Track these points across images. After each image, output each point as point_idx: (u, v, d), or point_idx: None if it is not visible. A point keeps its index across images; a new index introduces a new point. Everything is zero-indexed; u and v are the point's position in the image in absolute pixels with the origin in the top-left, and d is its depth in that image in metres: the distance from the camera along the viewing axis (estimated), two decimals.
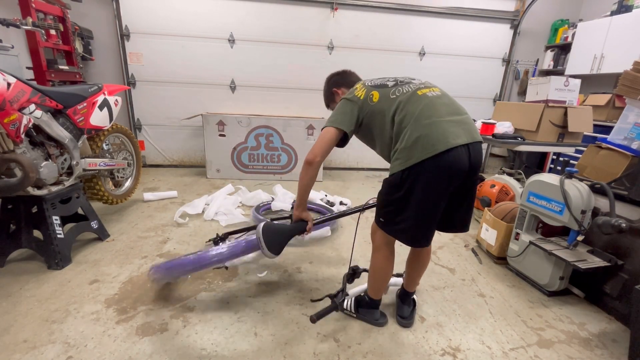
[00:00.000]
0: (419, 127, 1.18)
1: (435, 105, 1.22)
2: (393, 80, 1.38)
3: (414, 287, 1.63)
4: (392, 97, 1.29)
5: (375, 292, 1.55)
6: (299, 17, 4.02)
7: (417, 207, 1.23)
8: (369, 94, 1.34)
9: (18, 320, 1.48)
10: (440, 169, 1.17)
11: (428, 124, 1.18)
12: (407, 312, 1.61)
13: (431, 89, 1.29)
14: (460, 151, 1.16)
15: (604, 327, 1.65)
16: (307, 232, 1.55)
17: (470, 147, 1.19)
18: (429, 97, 1.25)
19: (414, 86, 1.30)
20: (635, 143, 1.91)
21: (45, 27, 2.33)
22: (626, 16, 3.59)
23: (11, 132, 1.60)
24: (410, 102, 1.24)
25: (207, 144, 3.79)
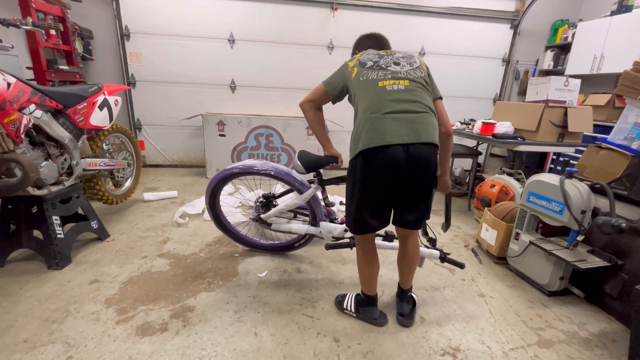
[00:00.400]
0: (365, 120, 1.26)
1: (387, 100, 1.26)
2: (375, 61, 1.38)
3: (407, 284, 1.63)
4: (360, 80, 1.34)
5: (365, 286, 1.57)
6: (299, 17, 4.02)
7: (357, 196, 1.33)
8: (352, 68, 1.39)
9: (18, 320, 1.48)
10: (374, 162, 1.24)
11: (374, 117, 1.24)
12: (407, 309, 1.61)
13: (397, 82, 1.30)
14: (395, 149, 1.21)
15: (604, 327, 1.65)
16: (339, 164, 1.67)
17: (410, 147, 1.22)
18: (386, 90, 1.28)
19: (381, 74, 1.32)
20: (635, 143, 1.91)
21: (45, 27, 2.33)
22: (626, 16, 3.59)
23: (11, 132, 1.60)
24: (367, 91, 1.31)
25: (207, 144, 3.79)
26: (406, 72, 1.34)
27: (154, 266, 1.97)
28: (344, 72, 1.44)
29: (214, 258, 2.10)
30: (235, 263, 2.06)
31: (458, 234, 2.69)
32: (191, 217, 2.71)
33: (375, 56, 1.41)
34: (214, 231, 2.47)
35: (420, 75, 1.35)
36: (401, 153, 1.21)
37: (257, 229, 2.45)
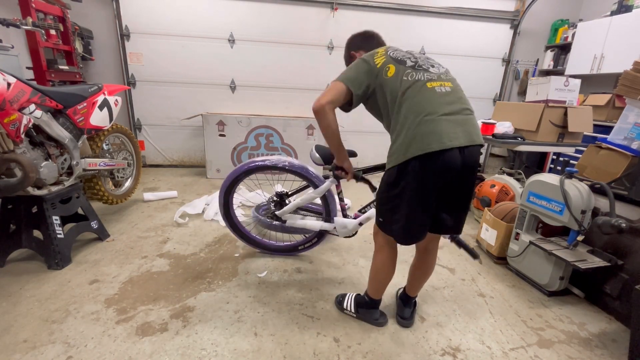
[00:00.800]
0: (418, 123, 1.15)
1: (439, 102, 1.18)
2: (414, 59, 1.28)
3: (417, 292, 1.61)
4: (404, 79, 1.22)
5: (375, 292, 1.55)
6: (299, 17, 4.02)
7: (408, 204, 1.22)
8: (386, 66, 1.26)
9: (18, 320, 1.48)
10: (432, 168, 1.15)
11: (427, 120, 1.14)
12: (408, 313, 1.61)
13: (442, 83, 1.23)
14: (453, 153, 1.14)
15: (604, 327, 1.65)
16: (347, 178, 1.62)
17: (465, 150, 1.16)
18: (436, 92, 1.20)
19: (427, 75, 1.23)
20: (635, 143, 1.91)
21: (45, 27, 2.33)
22: (626, 16, 3.59)
23: (11, 132, 1.60)
24: (415, 93, 1.20)
25: (207, 144, 3.79)
26: (446, 74, 1.29)
27: (154, 266, 1.97)
28: (371, 68, 1.28)
29: (214, 258, 2.10)
30: (235, 263, 2.06)
31: None
32: (191, 217, 2.71)
33: (404, 54, 1.30)
34: (214, 231, 2.47)
35: (453, 77, 1.32)
36: (458, 156, 1.15)
37: (258, 229, 2.45)
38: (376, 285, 1.53)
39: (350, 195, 3.49)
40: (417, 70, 1.24)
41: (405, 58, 1.28)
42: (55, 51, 2.84)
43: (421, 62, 1.28)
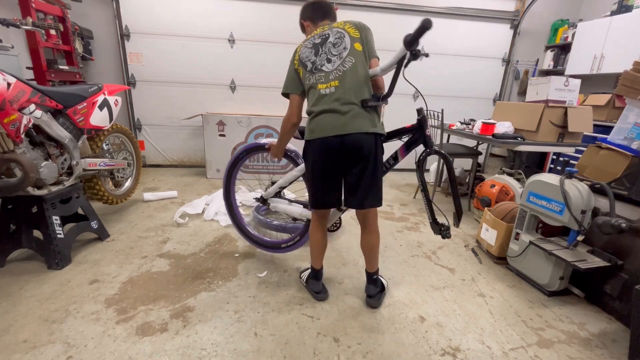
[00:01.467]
0: (313, 117, 1.49)
1: (325, 100, 1.46)
2: (313, 60, 1.50)
3: (373, 267, 1.72)
4: (306, 83, 1.52)
5: (312, 259, 1.75)
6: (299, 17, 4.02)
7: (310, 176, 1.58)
8: (298, 68, 1.55)
9: (18, 320, 1.48)
10: (316, 148, 1.49)
11: (317, 113, 1.47)
12: (373, 291, 1.72)
13: (329, 85, 1.46)
14: (330, 140, 1.44)
15: (604, 327, 1.65)
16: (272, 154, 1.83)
17: (343, 138, 1.43)
18: (322, 93, 1.47)
19: (317, 78, 1.48)
20: (635, 143, 1.91)
21: (45, 27, 2.33)
22: (626, 16, 3.59)
23: (11, 132, 1.60)
24: (310, 92, 1.52)
25: (207, 144, 3.79)
26: (336, 70, 1.47)
27: (154, 266, 1.98)
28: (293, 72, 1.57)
29: (214, 258, 2.10)
30: (235, 263, 2.06)
31: (458, 234, 2.68)
32: (191, 217, 2.71)
33: (310, 51, 1.52)
34: (214, 231, 2.47)
35: (349, 66, 1.46)
36: (335, 141, 1.43)
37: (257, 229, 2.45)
38: (311, 252, 1.74)
39: None
40: (315, 72, 1.49)
41: (307, 61, 1.52)
42: (55, 51, 2.84)
43: (319, 61, 1.49)
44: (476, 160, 3.17)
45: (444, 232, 1.57)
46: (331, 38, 1.50)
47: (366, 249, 1.68)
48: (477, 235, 2.45)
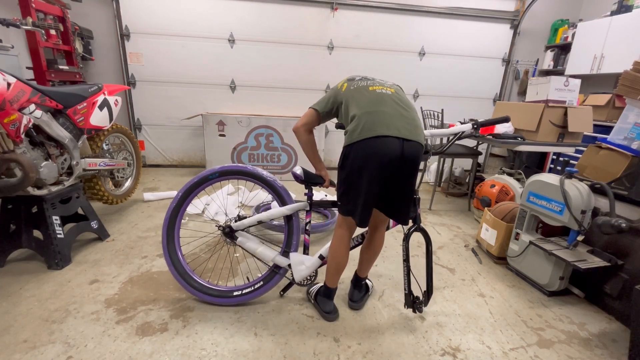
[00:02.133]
0: (363, 114, 1.31)
1: (383, 99, 1.35)
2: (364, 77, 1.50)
3: (366, 273, 1.70)
4: (351, 89, 1.44)
5: (329, 278, 1.58)
6: (299, 17, 4.03)
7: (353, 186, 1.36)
8: (342, 85, 1.50)
9: (18, 320, 1.48)
10: (371, 151, 1.27)
11: (372, 112, 1.31)
12: (358, 296, 1.70)
13: (384, 88, 1.41)
14: (392, 141, 1.26)
15: (604, 327, 1.65)
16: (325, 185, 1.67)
17: (404, 142, 1.28)
18: (378, 92, 1.38)
19: (369, 82, 1.44)
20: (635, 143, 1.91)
21: (45, 27, 2.33)
22: (626, 16, 3.59)
23: (11, 132, 1.60)
24: (358, 94, 1.40)
25: (207, 144, 3.79)
26: (391, 84, 1.48)
27: (154, 266, 1.97)
28: (334, 90, 1.53)
29: (214, 258, 2.10)
30: (235, 263, 2.05)
31: (458, 234, 2.69)
32: (191, 217, 2.71)
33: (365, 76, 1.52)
34: (214, 231, 2.47)
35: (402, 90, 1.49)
36: (397, 145, 1.27)
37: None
38: (331, 271, 1.55)
39: None
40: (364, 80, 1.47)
41: (356, 76, 1.51)
42: (55, 51, 2.84)
43: (371, 77, 1.50)
44: (476, 160, 3.17)
45: (417, 305, 1.54)
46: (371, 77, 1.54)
47: (372, 254, 1.62)
48: (477, 235, 2.45)
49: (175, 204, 1.70)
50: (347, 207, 1.42)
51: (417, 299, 1.56)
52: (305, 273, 1.62)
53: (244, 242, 1.67)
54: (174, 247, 1.68)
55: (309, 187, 1.65)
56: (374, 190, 1.34)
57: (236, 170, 1.68)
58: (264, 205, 2.80)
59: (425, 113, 3.36)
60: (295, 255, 1.63)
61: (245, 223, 1.66)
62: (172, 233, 1.68)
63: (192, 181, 1.71)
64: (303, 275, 1.61)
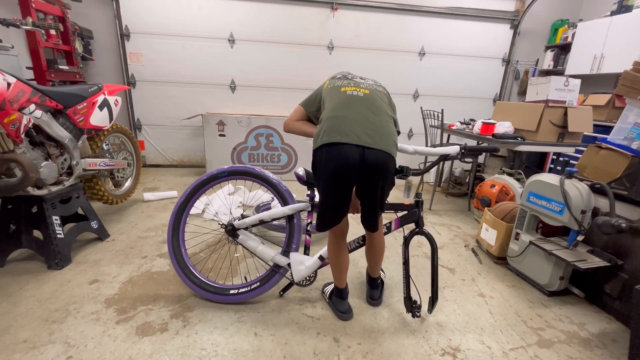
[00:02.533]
0: (327, 119, 1.30)
1: (351, 103, 1.32)
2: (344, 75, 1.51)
3: (377, 272, 1.72)
4: (328, 87, 1.45)
5: (335, 279, 1.61)
6: (299, 17, 4.03)
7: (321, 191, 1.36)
8: (325, 82, 1.52)
9: (18, 320, 1.48)
10: (330, 157, 1.25)
11: (335, 116, 1.29)
12: (377, 294, 1.74)
13: (358, 89, 1.38)
14: (350, 149, 1.22)
15: (604, 327, 1.65)
16: None
17: (365, 150, 1.23)
18: (348, 94, 1.36)
19: (344, 82, 1.43)
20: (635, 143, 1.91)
21: (45, 27, 2.33)
22: (626, 16, 3.59)
23: (11, 132, 1.60)
24: (330, 95, 1.40)
25: (207, 144, 3.79)
26: (369, 84, 1.45)
27: (154, 266, 1.98)
28: (319, 88, 1.55)
29: (214, 258, 2.10)
30: (235, 263, 2.05)
31: (458, 234, 2.69)
32: (191, 217, 2.71)
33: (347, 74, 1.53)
34: (214, 231, 2.47)
35: (382, 91, 1.45)
36: (356, 153, 1.22)
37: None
38: (334, 272, 1.59)
39: None
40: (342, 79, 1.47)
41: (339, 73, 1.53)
42: (55, 51, 2.84)
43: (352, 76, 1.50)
44: (476, 160, 3.17)
45: (415, 309, 1.56)
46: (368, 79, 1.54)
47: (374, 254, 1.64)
48: (477, 235, 2.45)
49: (183, 200, 1.76)
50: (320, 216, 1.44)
51: (415, 303, 1.57)
52: (305, 273, 1.62)
53: (245, 240, 1.70)
54: (178, 241, 1.74)
55: (311, 188, 1.66)
56: (333, 196, 1.33)
57: (244, 171, 1.76)
58: (264, 205, 2.80)
59: (425, 113, 3.36)
60: (295, 255, 1.64)
61: (247, 222, 1.69)
62: (177, 227, 1.75)
63: (201, 179, 1.76)
64: (302, 275, 1.62)
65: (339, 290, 1.62)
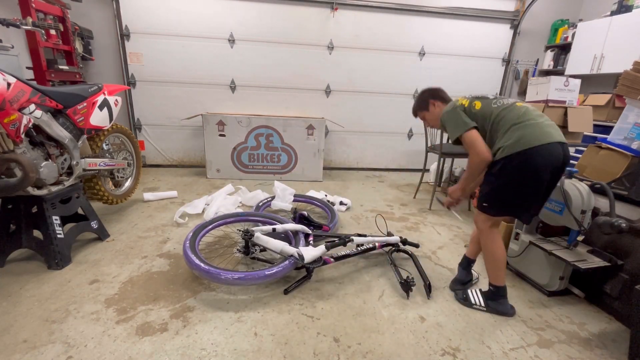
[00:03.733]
0: (521, 127, 1.44)
1: (532, 112, 1.50)
2: (492, 96, 1.63)
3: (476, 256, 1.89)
4: (494, 107, 1.56)
5: (500, 278, 1.65)
6: (299, 17, 4.03)
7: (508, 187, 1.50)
8: (472, 103, 1.61)
9: (18, 320, 1.48)
10: (539, 158, 1.41)
11: (530, 124, 1.45)
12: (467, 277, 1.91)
13: (523, 103, 1.57)
14: (555, 146, 1.42)
15: (604, 327, 1.65)
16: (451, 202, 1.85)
17: (563, 145, 1.45)
18: (526, 106, 1.53)
19: (512, 100, 1.58)
20: (635, 143, 1.91)
21: (45, 27, 2.33)
22: (626, 16, 3.59)
23: (11, 132, 1.60)
24: (509, 111, 1.52)
25: (207, 144, 3.79)
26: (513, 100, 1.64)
27: (154, 266, 1.98)
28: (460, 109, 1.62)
29: (214, 258, 2.10)
30: (235, 263, 2.05)
31: (458, 234, 2.68)
32: (191, 217, 2.71)
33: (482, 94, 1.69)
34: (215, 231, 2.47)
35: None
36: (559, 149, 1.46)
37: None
38: (497, 270, 1.64)
39: (350, 195, 3.50)
40: (501, 99, 1.60)
41: (485, 95, 1.65)
42: (55, 51, 2.84)
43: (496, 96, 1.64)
44: None
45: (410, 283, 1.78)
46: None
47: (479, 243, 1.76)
48: None
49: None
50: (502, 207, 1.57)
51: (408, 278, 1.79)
52: (314, 254, 1.79)
53: (259, 237, 1.88)
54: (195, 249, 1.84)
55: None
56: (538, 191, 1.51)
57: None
58: (264, 204, 2.80)
59: None
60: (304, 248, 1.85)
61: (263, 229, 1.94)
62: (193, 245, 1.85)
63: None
64: (312, 255, 1.78)
65: (501, 289, 1.66)
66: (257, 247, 1.94)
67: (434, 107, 1.81)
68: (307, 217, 2.39)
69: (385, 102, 4.49)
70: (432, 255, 2.29)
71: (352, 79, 4.34)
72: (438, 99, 1.80)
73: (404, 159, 4.84)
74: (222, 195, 3.03)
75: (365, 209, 3.13)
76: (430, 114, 1.82)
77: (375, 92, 4.44)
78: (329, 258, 1.93)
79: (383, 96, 4.47)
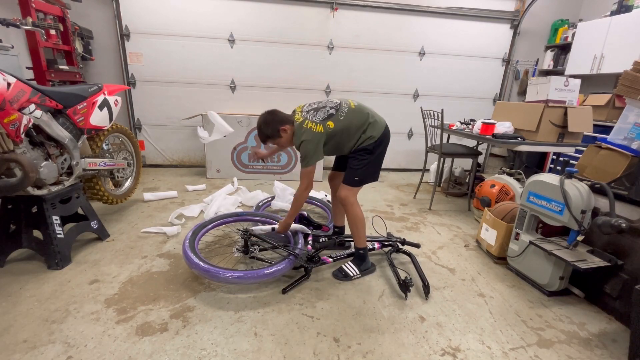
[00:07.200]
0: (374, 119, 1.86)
1: (365, 107, 1.89)
2: (330, 108, 1.83)
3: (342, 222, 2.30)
4: (341, 118, 1.81)
5: (363, 240, 1.96)
6: (299, 17, 4.02)
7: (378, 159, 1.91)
8: (326, 125, 1.79)
9: (18, 320, 1.48)
10: (387, 137, 1.90)
11: (375, 114, 1.90)
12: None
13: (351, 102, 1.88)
14: (387, 126, 1.91)
15: (604, 327, 1.65)
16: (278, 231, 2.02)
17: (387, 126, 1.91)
18: (356, 102, 1.89)
19: (342, 102, 1.86)
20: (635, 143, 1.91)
21: (45, 27, 2.33)
22: (626, 16, 3.59)
23: (11, 132, 1.60)
24: (352, 114, 1.83)
25: (207, 144, 3.78)
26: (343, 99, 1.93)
27: (154, 266, 1.98)
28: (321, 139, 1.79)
29: (214, 258, 2.10)
30: (235, 263, 2.05)
31: (458, 234, 2.69)
32: (188, 218, 2.71)
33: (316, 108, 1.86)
34: (214, 230, 2.47)
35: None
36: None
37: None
38: (362, 233, 1.93)
39: None
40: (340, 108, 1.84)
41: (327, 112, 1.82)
42: (55, 51, 2.84)
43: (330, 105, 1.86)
44: (476, 160, 3.17)
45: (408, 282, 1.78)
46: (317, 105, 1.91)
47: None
48: (477, 235, 2.45)
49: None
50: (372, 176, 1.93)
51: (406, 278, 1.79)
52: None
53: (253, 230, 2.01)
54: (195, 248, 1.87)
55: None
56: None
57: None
58: (264, 204, 2.80)
59: (425, 113, 3.36)
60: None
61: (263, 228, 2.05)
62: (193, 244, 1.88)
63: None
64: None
65: (365, 248, 1.98)
66: (256, 246, 1.96)
67: (285, 132, 1.84)
68: (306, 217, 2.40)
69: (385, 102, 4.48)
70: (432, 255, 2.29)
71: (352, 79, 4.34)
72: (286, 123, 1.84)
73: (404, 158, 4.84)
74: (222, 195, 3.03)
75: (365, 209, 3.13)
76: (284, 139, 1.86)
77: (375, 92, 4.44)
78: (327, 258, 1.97)
79: (383, 96, 4.47)
